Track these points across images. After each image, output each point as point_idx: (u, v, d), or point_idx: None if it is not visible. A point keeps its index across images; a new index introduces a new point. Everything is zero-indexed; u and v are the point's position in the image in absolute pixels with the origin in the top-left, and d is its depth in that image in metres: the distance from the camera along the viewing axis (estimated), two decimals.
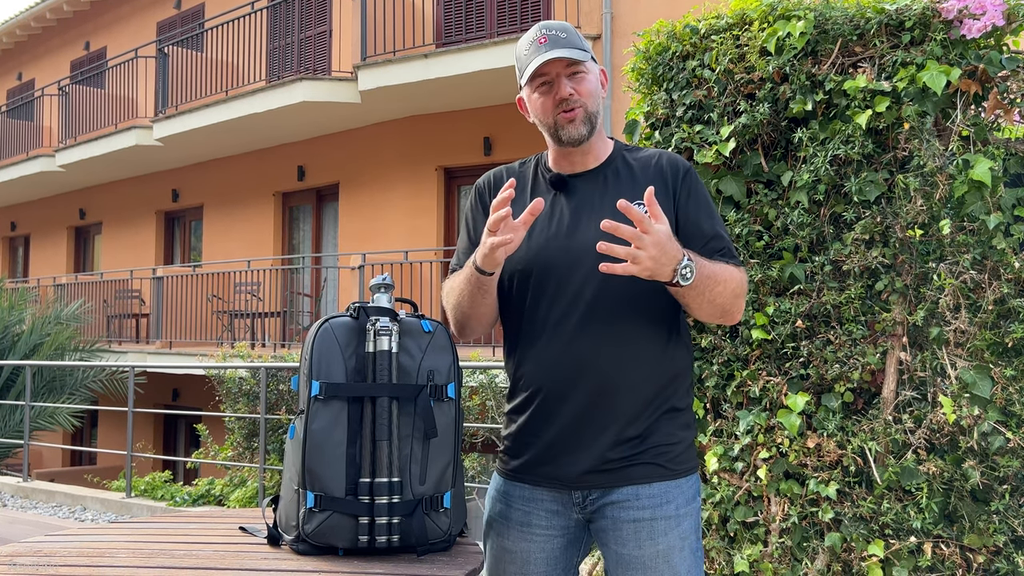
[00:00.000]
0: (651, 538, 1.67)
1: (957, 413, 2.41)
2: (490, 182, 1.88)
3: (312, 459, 1.55)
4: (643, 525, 1.68)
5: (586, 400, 1.68)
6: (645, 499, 1.68)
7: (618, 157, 1.81)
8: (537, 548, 1.76)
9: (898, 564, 2.49)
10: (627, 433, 1.68)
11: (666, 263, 1.52)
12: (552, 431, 1.71)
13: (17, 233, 17.95)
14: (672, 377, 1.73)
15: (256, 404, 7.23)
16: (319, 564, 1.52)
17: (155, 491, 7.34)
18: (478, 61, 8.40)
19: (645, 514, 1.68)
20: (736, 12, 2.80)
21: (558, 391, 1.70)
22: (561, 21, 1.84)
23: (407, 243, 9.97)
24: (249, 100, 10.18)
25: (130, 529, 1.80)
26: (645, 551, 1.67)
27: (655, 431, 1.70)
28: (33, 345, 10.39)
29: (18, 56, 18.17)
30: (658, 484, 1.69)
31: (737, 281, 1.68)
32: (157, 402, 12.69)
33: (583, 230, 1.71)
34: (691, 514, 1.72)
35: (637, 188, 1.72)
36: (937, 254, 2.51)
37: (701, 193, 1.77)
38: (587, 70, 1.75)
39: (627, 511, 1.68)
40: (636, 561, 1.68)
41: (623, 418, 1.68)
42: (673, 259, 1.53)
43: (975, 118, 2.50)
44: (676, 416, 1.74)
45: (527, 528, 1.76)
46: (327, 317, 1.63)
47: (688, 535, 1.71)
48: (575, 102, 1.72)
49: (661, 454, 1.70)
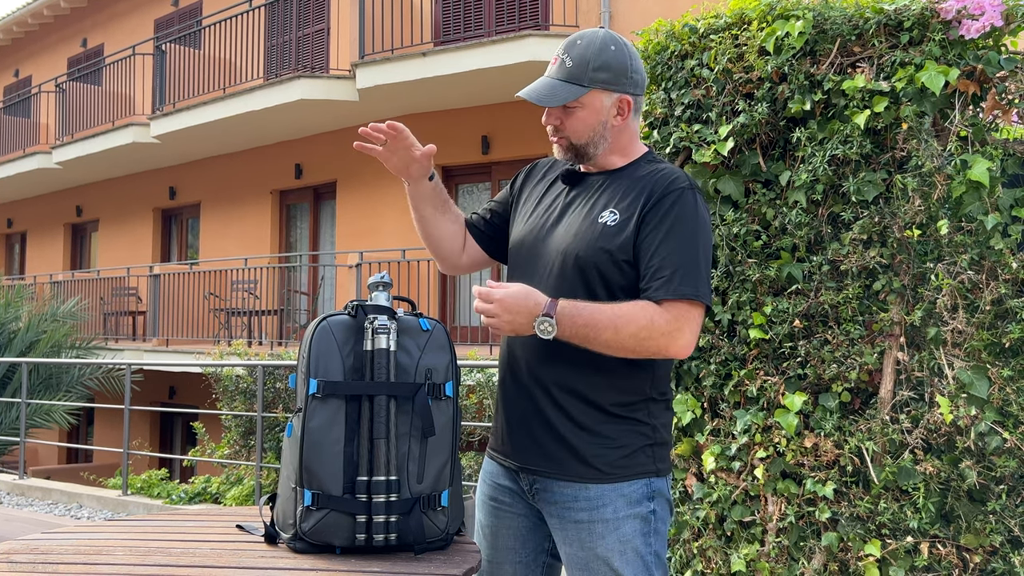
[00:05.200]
0: (591, 540, 1.71)
1: (954, 413, 2.42)
2: (529, 168, 1.98)
3: (310, 457, 1.55)
4: (583, 527, 1.71)
5: (537, 389, 1.74)
6: (583, 501, 1.71)
7: (636, 165, 1.80)
8: (504, 524, 1.84)
9: (895, 564, 2.50)
10: (566, 427, 1.71)
11: (522, 321, 1.61)
12: (507, 412, 1.81)
13: (13, 230, 17.91)
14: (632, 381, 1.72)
15: (253, 402, 7.22)
16: (316, 562, 1.52)
17: (151, 489, 7.33)
18: (476, 60, 8.39)
19: (584, 516, 1.71)
20: (735, 12, 2.80)
21: (514, 376, 1.79)
22: (593, 34, 1.74)
23: (405, 241, 9.95)
24: (246, 98, 10.16)
25: (127, 527, 1.80)
26: (587, 552, 1.71)
27: (596, 432, 1.71)
28: (29, 342, 10.37)
29: (15, 53, 18.13)
30: (595, 487, 1.71)
31: (640, 324, 1.60)
32: (153, 400, 12.67)
33: (559, 227, 1.78)
34: (635, 517, 1.70)
35: (617, 199, 1.74)
36: (935, 254, 2.52)
37: (675, 218, 1.67)
38: (581, 105, 1.74)
39: (569, 511, 1.73)
40: (580, 561, 1.72)
41: (565, 411, 1.72)
42: (529, 316, 1.61)
43: (973, 118, 2.50)
44: (624, 422, 1.72)
45: (496, 503, 1.85)
46: (325, 315, 1.63)
47: (631, 539, 1.70)
48: (558, 133, 1.79)
49: (598, 456, 1.71)
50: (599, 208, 1.74)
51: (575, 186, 1.82)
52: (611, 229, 1.70)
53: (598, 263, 1.69)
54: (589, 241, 1.70)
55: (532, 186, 1.93)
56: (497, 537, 1.84)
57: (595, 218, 1.73)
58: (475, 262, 1.99)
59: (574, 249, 1.71)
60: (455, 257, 1.97)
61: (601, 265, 1.69)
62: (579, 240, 1.72)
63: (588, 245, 1.70)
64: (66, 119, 13.84)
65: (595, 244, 1.69)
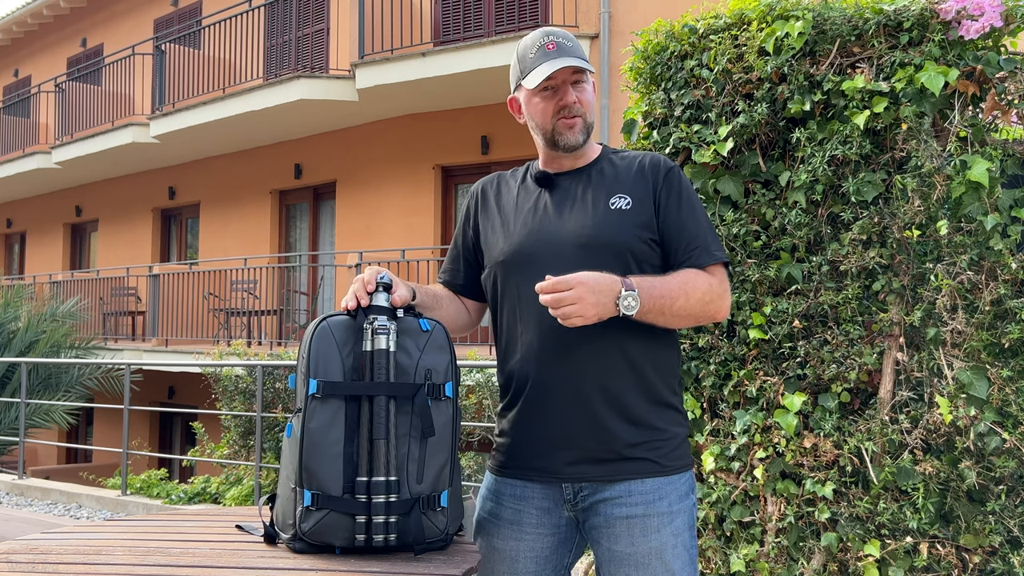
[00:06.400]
0: (644, 535, 1.68)
1: (953, 413, 2.42)
2: (478, 191, 1.95)
3: (309, 457, 1.54)
4: (636, 521, 1.68)
5: (574, 391, 1.70)
6: (638, 495, 1.69)
7: (604, 159, 1.85)
8: (526, 547, 1.77)
9: (894, 564, 2.50)
10: (617, 425, 1.69)
11: (606, 300, 1.58)
12: (542, 423, 1.73)
13: (13, 230, 17.91)
14: (661, 371, 1.74)
15: (252, 402, 7.22)
16: (316, 563, 1.51)
17: (151, 489, 7.33)
18: (476, 60, 8.39)
19: (638, 510, 1.68)
20: (734, 12, 2.80)
21: (545, 382, 1.72)
22: (562, 29, 1.88)
23: (404, 242, 9.96)
24: (246, 98, 10.16)
25: (126, 527, 1.80)
26: (638, 547, 1.68)
27: (647, 425, 1.70)
28: (29, 342, 10.37)
29: (15, 52, 18.12)
30: (651, 480, 1.69)
31: (703, 289, 1.70)
32: (153, 400, 12.67)
33: (564, 222, 1.76)
34: (684, 511, 1.72)
35: (619, 185, 1.77)
36: (934, 255, 2.52)
37: (683, 191, 1.78)
38: (587, 80, 1.80)
39: (620, 507, 1.69)
40: (630, 558, 1.68)
41: (612, 410, 1.69)
42: (611, 293, 1.59)
43: (973, 119, 2.51)
44: (667, 411, 1.74)
45: (517, 527, 1.77)
46: (325, 315, 1.63)
47: (681, 532, 1.70)
48: (576, 111, 1.78)
49: (654, 449, 1.70)
50: (604, 197, 1.76)
51: (554, 187, 1.83)
52: (630, 213, 1.73)
53: (629, 245, 1.72)
54: (615, 226, 1.72)
55: (491, 202, 1.90)
56: (517, 562, 1.78)
57: (607, 205, 1.74)
58: (483, 309, 1.98)
59: (602, 236, 1.72)
60: (470, 324, 1.97)
61: (633, 246, 1.72)
62: (603, 228, 1.73)
63: (618, 230, 1.72)
64: (65, 119, 13.84)
65: (622, 228, 1.72)
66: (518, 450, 1.78)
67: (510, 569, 1.77)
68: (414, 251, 9.52)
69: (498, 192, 1.91)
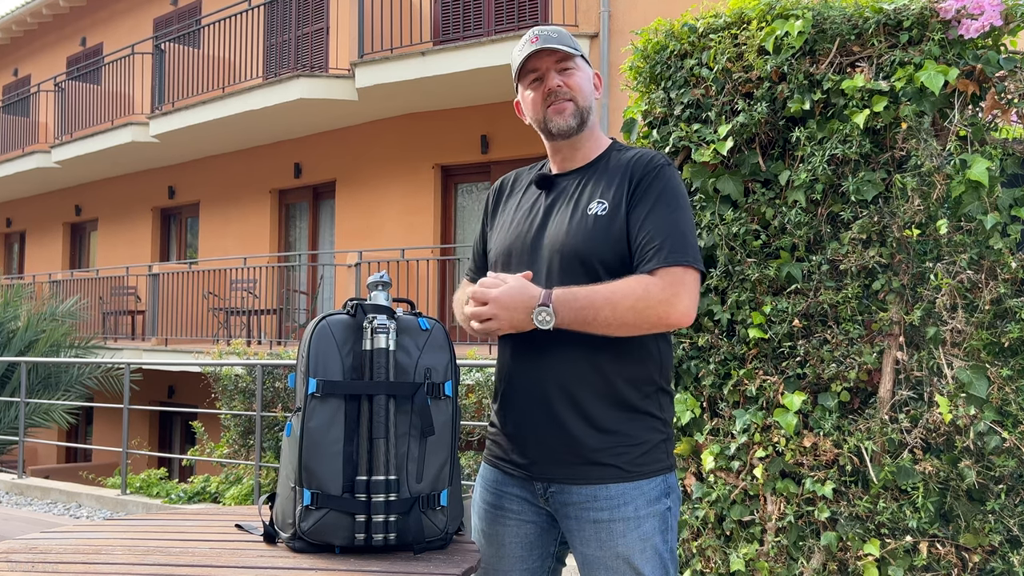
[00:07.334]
0: (611, 539, 1.70)
1: (953, 413, 2.42)
2: (496, 187, 1.99)
3: (309, 457, 1.54)
4: (603, 526, 1.70)
5: (548, 392, 1.72)
6: (603, 500, 1.70)
7: (607, 156, 1.84)
8: (511, 532, 1.82)
9: (894, 563, 2.50)
10: (583, 430, 1.70)
11: (521, 316, 1.63)
12: (515, 421, 1.78)
13: (12, 229, 17.90)
14: (633, 378, 1.72)
15: (252, 401, 7.22)
16: (315, 562, 1.51)
17: (150, 488, 7.33)
18: (476, 59, 8.38)
19: (603, 515, 1.70)
20: (734, 11, 2.80)
21: (522, 383, 1.77)
22: (555, 26, 1.88)
23: (404, 241, 9.95)
24: (246, 97, 10.15)
25: (126, 526, 1.80)
26: (606, 552, 1.70)
27: (613, 431, 1.71)
28: (28, 342, 10.37)
29: (14, 52, 18.11)
30: (615, 486, 1.70)
31: (636, 296, 1.61)
32: (152, 399, 12.66)
33: (547, 227, 1.78)
34: (655, 515, 1.71)
35: (608, 188, 1.76)
36: (934, 254, 2.52)
37: (662, 191, 1.70)
38: (578, 67, 1.80)
39: (587, 511, 1.71)
40: (599, 561, 1.71)
41: (577, 415, 1.70)
42: (525, 309, 1.62)
43: (973, 118, 2.50)
44: (640, 418, 1.73)
45: (500, 511, 1.83)
46: (324, 314, 1.62)
47: (651, 536, 1.70)
48: (564, 94, 1.78)
49: (619, 455, 1.70)
50: (585, 201, 1.75)
51: (552, 188, 1.83)
52: (603, 219, 1.71)
53: (598, 254, 1.70)
54: (586, 234, 1.71)
55: (504, 200, 1.94)
56: (503, 546, 1.82)
57: (583, 211, 1.74)
58: None
59: (572, 245, 1.72)
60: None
61: (603, 255, 1.70)
62: (575, 235, 1.72)
63: (586, 238, 1.71)
64: (65, 118, 13.83)
65: (592, 236, 1.71)
66: (499, 443, 1.84)
67: (497, 552, 1.83)
68: (413, 250, 9.51)
69: (511, 190, 1.94)
